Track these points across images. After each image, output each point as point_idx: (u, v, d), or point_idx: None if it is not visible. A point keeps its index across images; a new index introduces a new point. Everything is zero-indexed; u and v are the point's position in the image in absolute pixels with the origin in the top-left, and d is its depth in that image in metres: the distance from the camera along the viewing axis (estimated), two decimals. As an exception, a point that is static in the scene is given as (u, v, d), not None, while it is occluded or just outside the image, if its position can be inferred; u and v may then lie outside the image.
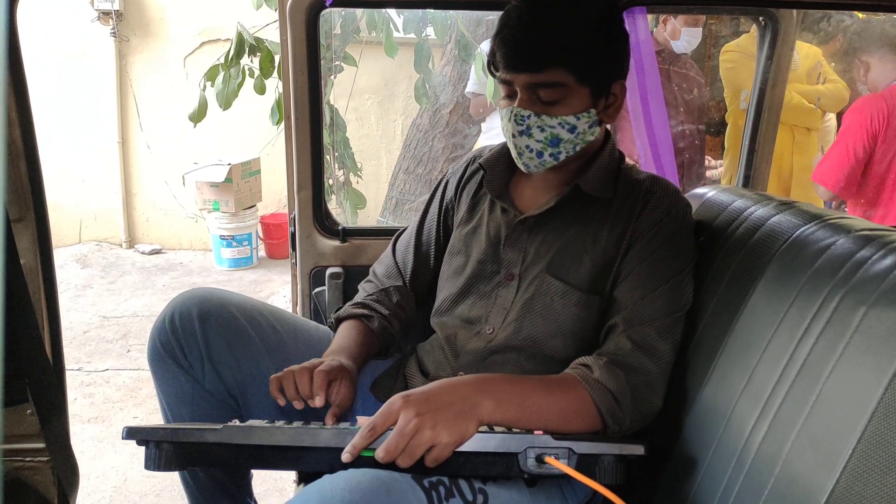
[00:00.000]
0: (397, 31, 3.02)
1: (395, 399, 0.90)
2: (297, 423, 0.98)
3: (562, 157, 1.13)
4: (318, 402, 1.05)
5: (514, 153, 1.15)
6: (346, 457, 0.86)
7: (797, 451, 0.79)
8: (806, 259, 0.93)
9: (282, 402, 1.07)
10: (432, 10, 3.05)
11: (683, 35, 2.73)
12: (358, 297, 1.35)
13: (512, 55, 1.08)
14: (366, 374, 1.25)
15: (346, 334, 1.25)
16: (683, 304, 1.10)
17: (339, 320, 1.30)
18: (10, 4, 1.06)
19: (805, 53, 3.07)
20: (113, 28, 4.57)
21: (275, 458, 0.91)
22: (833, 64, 3.18)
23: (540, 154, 1.12)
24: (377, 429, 0.87)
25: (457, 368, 1.18)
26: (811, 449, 0.77)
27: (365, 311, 1.29)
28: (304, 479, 1.25)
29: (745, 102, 2.74)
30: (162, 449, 0.91)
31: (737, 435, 0.90)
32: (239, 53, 2.77)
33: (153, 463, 0.91)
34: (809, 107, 2.95)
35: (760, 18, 1.67)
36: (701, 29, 2.75)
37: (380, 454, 0.85)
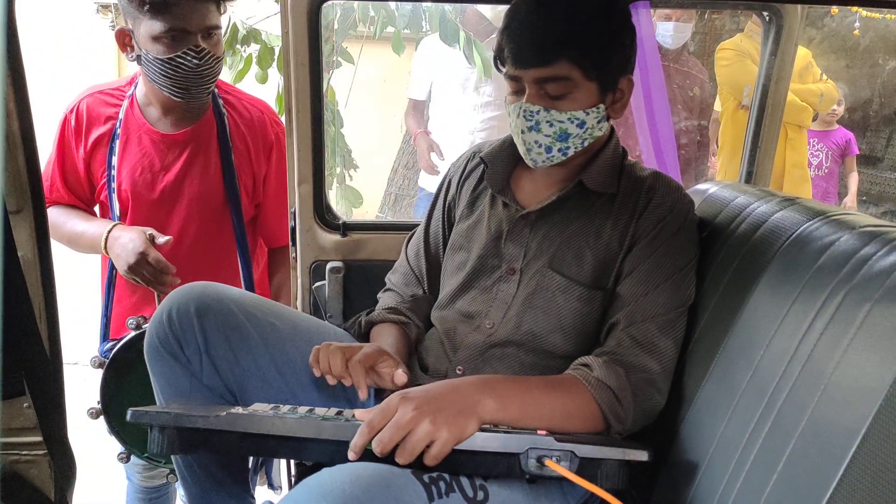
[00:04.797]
0: (393, 26, 3.00)
1: (394, 396, 0.90)
2: (301, 411, 0.98)
3: (570, 151, 1.13)
4: (361, 395, 1.05)
5: (522, 149, 1.14)
6: (352, 456, 0.86)
7: (801, 448, 0.78)
8: (809, 255, 0.92)
9: (317, 372, 1.07)
10: (431, 6, 3.03)
11: None
12: (387, 304, 1.33)
13: (520, 50, 1.07)
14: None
15: (388, 337, 1.23)
16: (685, 300, 1.10)
17: (372, 324, 1.29)
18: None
19: (797, 54, 3.08)
20: (112, 21, 4.56)
21: (276, 447, 0.92)
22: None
23: (549, 149, 1.12)
24: (375, 425, 0.86)
25: (455, 363, 1.18)
26: (815, 446, 0.76)
27: (402, 319, 1.28)
28: (300, 474, 1.25)
29: (748, 98, 2.74)
30: (165, 433, 0.92)
31: (738, 432, 0.90)
32: (231, 43, 2.76)
33: (157, 446, 0.93)
34: (802, 105, 2.98)
35: (765, 14, 1.67)
36: (678, 23, 2.65)
37: (374, 446, 0.85)
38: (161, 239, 1.41)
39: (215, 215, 1.57)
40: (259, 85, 2.91)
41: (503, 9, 1.15)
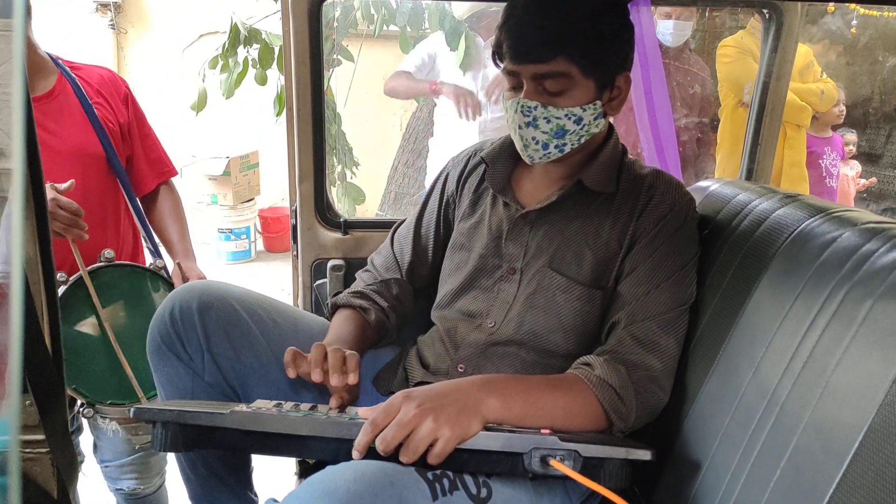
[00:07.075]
0: (394, 25, 3.00)
1: (397, 395, 0.90)
2: (303, 407, 0.98)
3: (567, 148, 1.13)
4: (352, 378, 1.05)
5: (519, 145, 1.14)
6: (356, 455, 0.86)
7: (804, 444, 0.78)
8: (811, 252, 0.92)
9: (293, 374, 1.07)
10: (431, 4, 3.03)
11: None
12: (356, 286, 1.35)
13: (518, 46, 1.07)
14: (367, 367, 1.25)
15: (343, 325, 1.24)
16: (687, 298, 1.10)
17: (336, 306, 1.30)
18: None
19: (798, 52, 3.08)
20: (111, 20, 4.55)
21: (280, 444, 0.92)
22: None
23: (545, 146, 1.12)
24: (378, 423, 0.87)
25: (457, 361, 1.18)
26: (818, 442, 0.76)
27: (363, 303, 1.28)
28: (303, 472, 1.25)
29: (748, 95, 2.74)
30: (168, 430, 0.92)
31: (741, 428, 0.90)
32: (234, 44, 2.76)
33: (159, 443, 0.92)
34: (801, 104, 2.99)
35: (765, 11, 1.67)
36: (678, 21, 2.66)
37: (378, 445, 0.85)
38: (63, 185, 1.41)
39: (95, 170, 1.59)
40: (259, 87, 2.91)
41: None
